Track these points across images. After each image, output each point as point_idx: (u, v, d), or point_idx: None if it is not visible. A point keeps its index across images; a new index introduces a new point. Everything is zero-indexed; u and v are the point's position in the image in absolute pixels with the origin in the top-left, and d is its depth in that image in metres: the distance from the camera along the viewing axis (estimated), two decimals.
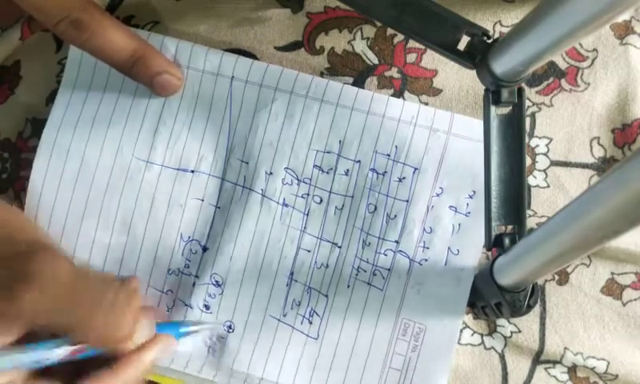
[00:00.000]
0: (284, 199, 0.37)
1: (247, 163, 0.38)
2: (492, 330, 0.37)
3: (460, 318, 0.36)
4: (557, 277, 0.37)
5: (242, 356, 0.37)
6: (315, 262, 0.37)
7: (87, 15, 0.34)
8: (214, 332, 0.37)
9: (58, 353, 0.29)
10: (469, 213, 0.36)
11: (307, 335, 0.37)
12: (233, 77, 0.38)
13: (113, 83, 0.39)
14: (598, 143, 0.38)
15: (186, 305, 0.38)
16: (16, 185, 0.41)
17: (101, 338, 0.29)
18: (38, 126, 0.41)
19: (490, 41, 0.31)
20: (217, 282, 0.38)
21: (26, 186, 0.39)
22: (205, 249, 0.38)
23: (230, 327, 0.37)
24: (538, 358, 0.37)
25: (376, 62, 0.39)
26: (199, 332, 0.36)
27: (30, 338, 0.29)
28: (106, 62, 0.36)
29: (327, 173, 0.37)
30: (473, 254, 0.36)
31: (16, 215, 0.34)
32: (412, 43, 0.39)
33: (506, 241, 0.32)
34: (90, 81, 0.39)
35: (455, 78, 0.38)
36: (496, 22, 0.39)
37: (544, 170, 0.38)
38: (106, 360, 0.30)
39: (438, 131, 0.37)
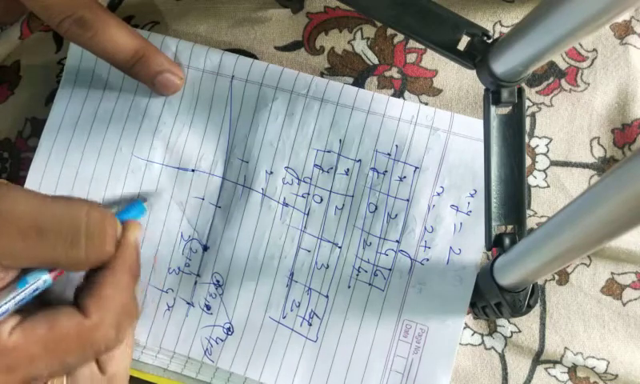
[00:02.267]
0: (284, 199, 0.37)
1: (247, 162, 0.38)
2: (492, 330, 0.37)
3: (463, 317, 0.36)
4: (557, 277, 0.37)
5: (239, 358, 0.37)
6: (315, 262, 0.37)
7: (91, 13, 0.34)
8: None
9: (43, 279, 0.28)
10: (470, 211, 0.36)
11: (306, 337, 0.37)
12: (233, 76, 0.38)
13: (112, 82, 0.39)
14: (598, 143, 0.38)
15: (188, 303, 0.38)
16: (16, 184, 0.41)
17: (87, 264, 0.28)
18: (37, 125, 0.41)
19: (489, 41, 0.31)
20: (217, 281, 0.37)
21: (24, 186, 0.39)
22: (205, 248, 0.38)
23: (229, 329, 0.37)
24: (538, 358, 0.37)
25: (376, 62, 0.39)
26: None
27: None
28: (109, 60, 0.36)
29: (327, 172, 0.37)
30: (475, 253, 0.36)
31: None
32: (412, 43, 0.39)
33: (506, 241, 0.32)
34: (90, 80, 0.39)
35: (455, 78, 0.38)
36: (496, 22, 0.39)
37: (544, 170, 0.38)
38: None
39: (439, 130, 0.37)
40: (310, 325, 0.37)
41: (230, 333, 0.37)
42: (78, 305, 0.28)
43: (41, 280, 0.28)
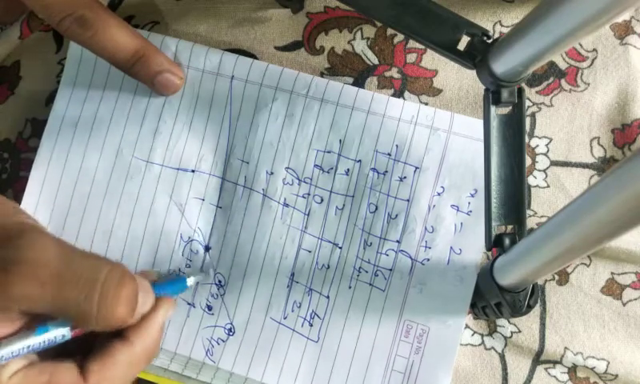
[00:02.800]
0: (285, 199, 0.37)
1: (248, 163, 0.38)
2: (492, 330, 0.37)
3: (463, 318, 0.36)
4: (557, 277, 0.37)
5: (241, 359, 0.37)
6: (316, 262, 0.37)
7: (92, 13, 0.34)
8: (203, 280, 0.37)
9: (62, 333, 0.28)
10: (470, 211, 0.36)
11: (308, 338, 0.37)
12: (233, 76, 0.38)
13: (112, 82, 0.39)
14: (598, 143, 0.38)
15: (189, 304, 0.38)
16: (16, 185, 0.41)
17: (96, 322, 0.28)
18: (37, 126, 0.41)
19: (489, 41, 0.31)
20: (219, 282, 0.37)
21: (26, 187, 0.39)
22: (207, 248, 0.38)
23: (230, 330, 0.37)
24: (538, 358, 0.37)
25: (376, 62, 0.39)
26: (192, 285, 0.36)
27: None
28: (109, 60, 0.36)
29: (328, 172, 0.37)
30: (475, 252, 0.36)
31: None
32: (412, 43, 0.39)
33: (506, 241, 0.32)
34: (90, 80, 0.39)
35: (455, 78, 0.38)
36: (496, 22, 0.39)
37: (544, 170, 0.38)
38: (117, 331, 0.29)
39: (439, 130, 0.37)
40: (311, 325, 0.37)
41: (231, 333, 0.37)
42: (82, 365, 0.28)
43: (60, 333, 0.28)
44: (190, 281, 0.35)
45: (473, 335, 0.37)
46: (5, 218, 0.29)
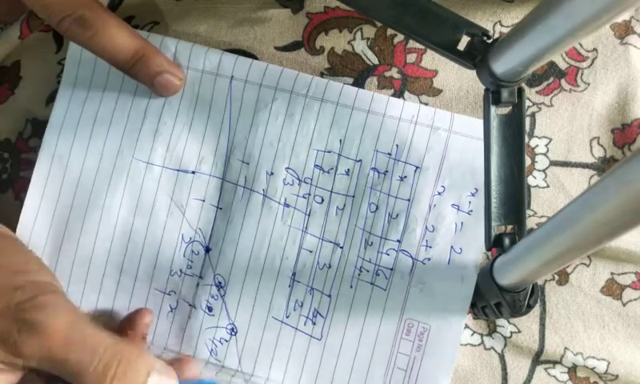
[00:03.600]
0: (285, 199, 0.37)
1: (248, 164, 0.38)
2: (492, 330, 0.37)
3: (464, 316, 0.36)
4: (557, 277, 0.37)
5: (246, 358, 0.37)
6: (317, 262, 0.37)
7: (91, 13, 0.34)
8: None
9: None
10: (471, 211, 0.36)
11: (311, 336, 0.37)
12: (232, 77, 0.38)
13: (112, 83, 0.39)
14: (598, 143, 0.38)
15: (190, 305, 0.38)
16: (16, 185, 0.41)
17: None
18: (38, 126, 0.41)
19: (489, 41, 0.31)
20: (219, 283, 0.38)
21: (27, 187, 0.39)
22: (208, 249, 0.38)
23: (232, 330, 0.37)
24: (537, 358, 0.37)
25: (376, 62, 0.39)
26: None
27: None
28: (108, 60, 0.36)
29: (328, 172, 0.37)
30: (476, 252, 0.36)
31: (13, 246, 0.34)
32: (412, 43, 0.39)
33: (506, 241, 0.32)
34: (90, 81, 0.39)
35: (455, 77, 0.38)
36: (496, 22, 0.39)
37: (544, 170, 0.38)
38: None
39: (439, 129, 0.37)
40: (314, 323, 0.37)
41: (233, 333, 0.37)
42: None
43: None
44: None
45: (472, 335, 0.37)
46: (27, 274, 0.30)
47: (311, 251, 0.37)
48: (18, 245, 0.34)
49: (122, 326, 0.37)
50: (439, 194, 0.36)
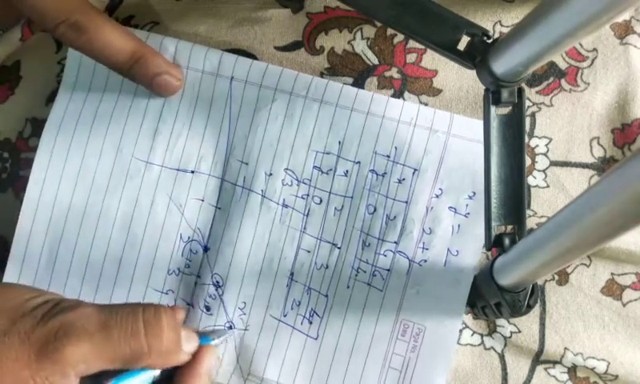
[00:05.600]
0: (284, 200, 0.37)
1: (247, 164, 0.38)
2: (492, 330, 0.37)
3: (459, 318, 0.36)
4: (557, 277, 0.37)
5: (243, 356, 0.37)
6: (315, 262, 0.37)
7: (86, 17, 0.34)
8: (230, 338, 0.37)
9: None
10: (468, 214, 0.36)
11: (307, 335, 0.37)
12: (232, 77, 0.38)
13: (112, 83, 0.39)
14: (598, 143, 0.38)
15: (188, 304, 0.38)
16: (16, 185, 0.41)
17: (151, 356, 0.29)
18: (38, 125, 0.41)
19: (489, 41, 0.31)
20: (217, 282, 0.38)
21: (26, 186, 0.39)
22: (206, 249, 0.38)
23: (230, 328, 0.37)
24: (537, 358, 0.37)
25: (376, 62, 0.39)
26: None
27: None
28: (105, 63, 0.36)
29: (327, 173, 0.37)
30: (472, 255, 0.36)
31: (7, 285, 0.34)
32: (412, 43, 0.39)
33: (506, 241, 0.32)
34: (90, 81, 0.39)
35: (455, 77, 0.38)
36: (496, 22, 0.39)
37: (544, 170, 0.38)
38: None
39: (438, 132, 0.37)
40: (311, 323, 0.37)
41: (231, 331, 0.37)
42: None
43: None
44: (215, 342, 0.35)
45: (472, 335, 0.37)
46: (35, 298, 0.30)
47: (309, 251, 0.37)
48: (13, 284, 0.34)
49: None
50: (437, 196, 0.36)
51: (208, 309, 0.38)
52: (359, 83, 0.39)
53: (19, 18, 0.42)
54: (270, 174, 0.38)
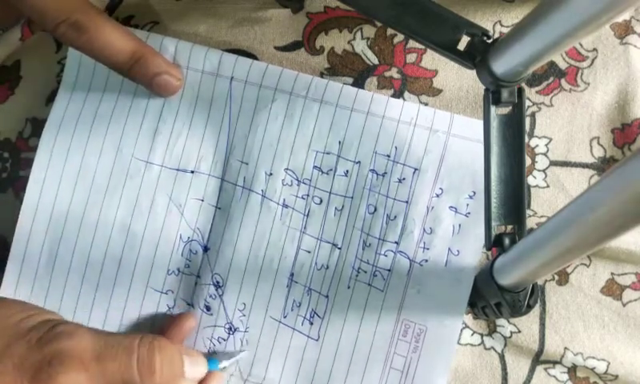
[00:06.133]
0: (284, 200, 0.37)
1: (247, 164, 0.38)
2: (492, 330, 0.37)
3: (460, 318, 0.36)
4: (557, 277, 0.37)
5: (243, 357, 0.37)
6: (315, 263, 0.37)
7: (86, 17, 0.34)
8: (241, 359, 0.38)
9: None
10: (469, 213, 0.36)
11: (308, 336, 0.37)
12: (232, 77, 0.38)
13: (112, 83, 0.39)
14: (598, 143, 0.38)
15: (188, 304, 0.38)
16: (16, 185, 0.41)
17: None
18: (38, 125, 0.41)
19: (489, 41, 0.31)
20: (217, 282, 0.38)
21: (26, 186, 0.39)
22: (206, 249, 0.38)
23: (230, 329, 0.37)
24: (537, 358, 0.37)
25: (376, 62, 0.39)
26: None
27: None
28: (105, 63, 0.36)
29: (327, 174, 0.37)
30: (473, 254, 0.36)
31: (5, 301, 0.34)
32: (412, 43, 0.39)
33: (506, 241, 0.32)
34: (90, 81, 0.39)
35: (455, 77, 0.38)
36: (496, 22, 0.39)
37: (544, 170, 0.38)
38: None
39: (438, 132, 0.37)
40: (311, 324, 0.37)
41: (231, 332, 0.37)
42: None
43: None
44: (224, 364, 0.36)
45: (472, 335, 0.37)
46: (32, 318, 0.30)
47: (309, 252, 0.37)
48: (8, 299, 0.34)
49: (167, 327, 0.37)
50: (437, 196, 0.36)
51: (208, 309, 0.38)
52: (359, 83, 0.39)
53: (19, 17, 0.42)
54: (270, 174, 0.38)
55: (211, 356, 0.37)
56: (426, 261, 0.36)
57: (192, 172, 0.38)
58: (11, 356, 0.27)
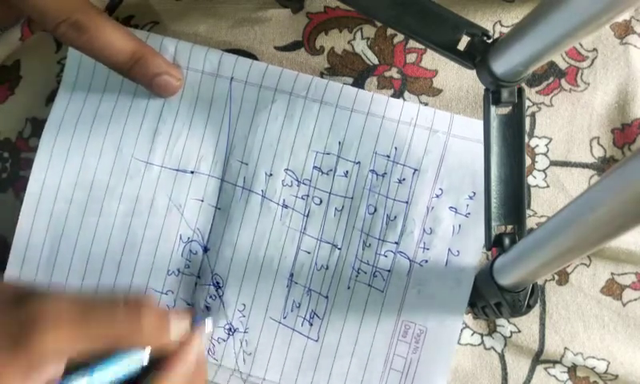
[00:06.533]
0: (284, 200, 0.37)
1: (247, 164, 0.38)
2: (492, 330, 0.37)
3: (460, 319, 0.36)
4: (557, 277, 0.37)
5: (243, 358, 0.37)
6: (315, 263, 0.37)
7: (87, 17, 0.34)
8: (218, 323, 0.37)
9: (110, 373, 0.29)
10: (469, 213, 0.36)
11: (308, 337, 0.37)
12: (232, 77, 0.38)
13: (112, 84, 0.39)
14: (598, 143, 0.38)
15: (189, 304, 0.38)
16: (16, 185, 0.41)
17: (132, 343, 0.29)
18: (37, 125, 0.41)
19: (489, 41, 0.31)
20: (217, 283, 0.38)
21: (26, 186, 0.39)
22: (206, 249, 0.38)
23: (230, 330, 0.37)
24: (537, 358, 0.37)
25: (376, 62, 0.39)
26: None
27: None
28: (105, 63, 0.36)
29: (327, 174, 0.37)
30: (473, 254, 0.36)
31: None
32: (412, 43, 0.39)
33: (506, 241, 0.32)
34: (90, 81, 0.39)
35: (455, 78, 0.38)
36: (496, 22, 0.39)
37: (544, 170, 0.38)
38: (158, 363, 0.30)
39: (438, 132, 0.37)
40: (311, 325, 0.37)
41: (231, 333, 0.37)
42: None
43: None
44: (208, 325, 0.36)
45: (472, 335, 0.37)
46: (10, 286, 0.29)
47: (309, 252, 0.37)
48: None
49: None
50: (437, 196, 0.36)
51: (208, 309, 0.38)
52: (359, 83, 0.39)
53: (19, 17, 0.42)
54: (270, 175, 0.38)
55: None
56: (426, 261, 0.36)
57: (192, 172, 0.38)
58: None
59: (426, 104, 0.38)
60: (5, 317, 0.27)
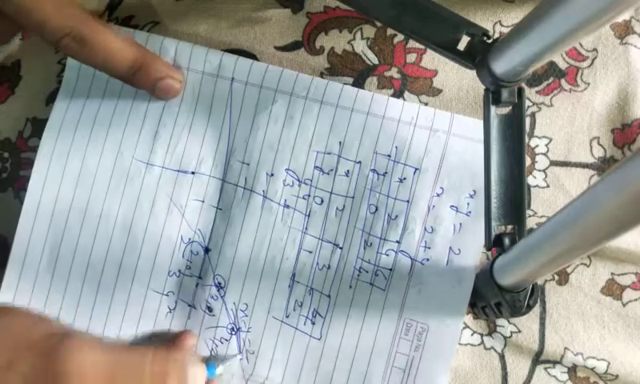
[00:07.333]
0: (285, 200, 0.37)
1: (248, 165, 0.38)
2: (492, 330, 0.37)
3: (462, 317, 0.36)
4: (557, 277, 0.37)
5: (245, 358, 0.37)
6: (317, 263, 0.37)
7: (87, 29, 0.34)
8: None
9: None
10: (469, 212, 0.36)
11: (310, 336, 0.37)
12: (233, 78, 0.38)
13: (112, 85, 0.39)
14: (598, 143, 0.38)
15: (190, 305, 0.38)
16: (16, 184, 0.41)
17: None
18: (38, 125, 0.41)
19: (489, 41, 0.31)
20: (219, 283, 0.38)
21: (26, 186, 0.39)
22: (207, 250, 0.38)
23: (232, 329, 0.37)
24: (537, 358, 0.37)
25: (376, 62, 0.39)
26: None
27: None
28: (109, 73, 0.36)
29: (328, 174, 0.37)
30: (474, 253, 0.36)
31: (18, 314, 0.33)
32: (412, 43, 0.39)
33: (506, 241, 0.32)
34: (90, 83, 0.39)
35: (455, 78, 0.38)
36: (496, 22, 0.39)
37: (544, 170, 0.38)
38: None
39: (438, 131, 0.37)
40: (314, 323, 0.37)
41: (234, 333, 0.37)
42: None
43: None
44: (220, 369, 0.36)
45: (472, 335, 0.37)
46: (39, 325, 0.30)
47: (311, 252, 0.37)
48: (12, 308, 0.33)
49: (168, 343, 0.37)
50: (438, 195, 0.36)
51: (210, 310, 0.38)
52: (359, 83, 0.39)
53: (16, 33, 0.42)
54: (271, 175, 0.38)
55: (207, 361, 0.37)
56: (428, 260, 0.36)
57: (193, 173, 0.38)
58: (17, 371, 0.27)
59: (426, 104, 0.38)
60: (36, 368, 0.27)
